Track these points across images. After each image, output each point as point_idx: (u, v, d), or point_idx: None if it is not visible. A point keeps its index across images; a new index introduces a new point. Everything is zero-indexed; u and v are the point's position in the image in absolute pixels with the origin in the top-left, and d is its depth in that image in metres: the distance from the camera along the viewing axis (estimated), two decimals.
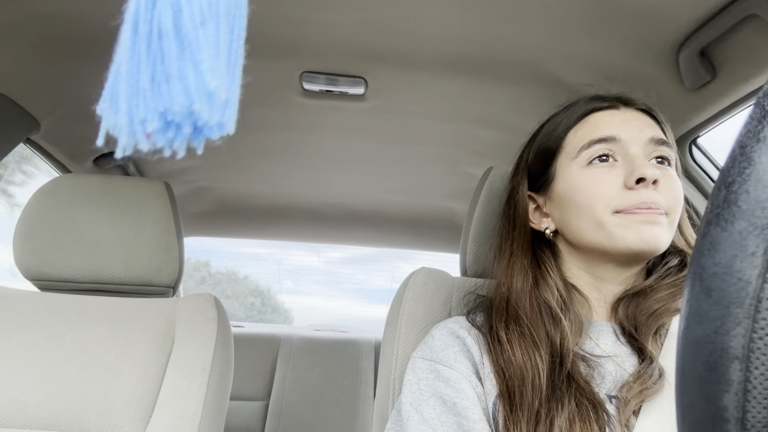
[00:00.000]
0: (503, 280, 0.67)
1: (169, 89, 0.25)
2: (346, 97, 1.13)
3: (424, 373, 0.62)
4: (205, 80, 0.25)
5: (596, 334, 0.62)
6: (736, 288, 0.20)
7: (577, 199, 0.62)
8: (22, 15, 0.86)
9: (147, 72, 0.25)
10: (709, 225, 0.22)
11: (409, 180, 1.58)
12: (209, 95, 0.25)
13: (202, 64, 0.25)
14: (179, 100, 0.25)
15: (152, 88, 0.25)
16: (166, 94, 0.25)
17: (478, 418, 0.56)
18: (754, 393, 0.20)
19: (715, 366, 0.21)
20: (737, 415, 0.20)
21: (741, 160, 0.21)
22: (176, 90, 0.25)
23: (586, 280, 0.66)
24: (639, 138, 0.62)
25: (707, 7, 0.76)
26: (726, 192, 0.21)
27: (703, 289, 0.21)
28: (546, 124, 0.72)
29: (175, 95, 0.25)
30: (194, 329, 0.92)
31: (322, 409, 1.86)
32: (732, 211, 0.21)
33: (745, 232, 0.20)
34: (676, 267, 0.64)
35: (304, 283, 3.74)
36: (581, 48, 0.92)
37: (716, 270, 0.21)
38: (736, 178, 0.21)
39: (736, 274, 0.20)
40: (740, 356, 0.20)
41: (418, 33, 0.92)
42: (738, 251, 0.20)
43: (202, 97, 0.25)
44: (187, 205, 1.75)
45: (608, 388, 0.57)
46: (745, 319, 0.20)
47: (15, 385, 0.85)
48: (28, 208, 0.98)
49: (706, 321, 0.21)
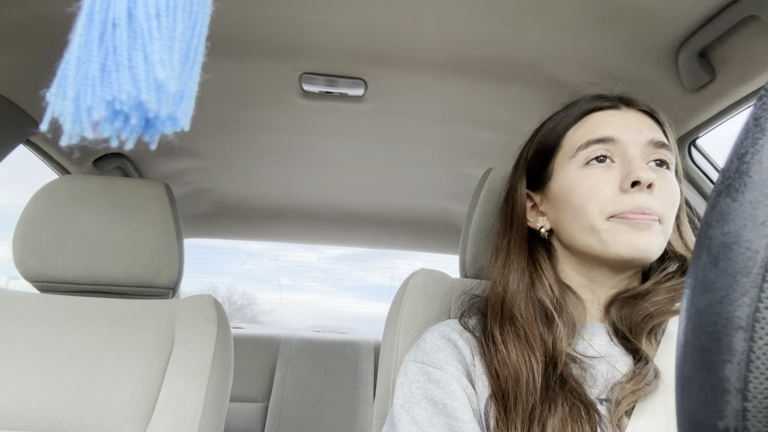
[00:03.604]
0: (499, 279, 0.66)
1: (118, 78, 0.24)
2: (346, 99, 1.14)
3: (415, 376, 0.61)
4: (154, 70, 0.24)
5: (589, 334, 0.62)
6: (744, 257, 0.20)
7: (572, 200, 0.62)
8: (22, 16, 0.86)
9: (98, 60, 0.25)
10: (719, 196, 0.22)
11: (408, 181, 1.58)
12: (158, 86, 0.24)
13: (153, 54, 0.24)
14: (127, 89, 0.24)
15: (102, 76, 0.25)
16: (115, 83, 0.24)
17: (469, 420, 0.56)
18: (757, 363, 0.20)
19: (718, 336, 0.21)
20: (738, 385, 0.20)
21: (754, 131, 0.21)
22: (125, 79, 0.24)
23: (580, 281, 0.65)
24: (638, 140, 0.61)
25: (706, 8, 0.76)
26: (738, 163, 0.21)
27: (710, 259, 0.21)
28: (547, 121, 0.71)
29: (123, 84, 0.24)
30: (194, 331, 0.92)
31: (321, 410, 1.86)
32: (743, 181, 0.21)
33: (756, 202, 0.20)
34: (675, 272, 0.64)
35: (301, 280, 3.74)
36: (580, 49, 0.92)
37: (725, 240, 0.21)
38: (749, 149, 0.21)
39: (745, 244, 0.20)
40: (745, 326, 0.20)
41: (418, 34, 0.92)
42: (748, 221, 0.20)
43: (150, 87, 0.24)
44: (186, 206, 1.75)
45: (600, 388, 0.57)
46: (752, 288, 0.20)
47: (15, 386, 0.85)
48: (28, 209, 0.98)
49: (711, 290, 0.21)
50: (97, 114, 0.25)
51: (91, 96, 0.25)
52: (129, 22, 0.25)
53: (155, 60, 0.24)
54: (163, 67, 0.24)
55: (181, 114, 0.26)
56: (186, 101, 0.26)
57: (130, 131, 0.25)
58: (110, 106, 0.25)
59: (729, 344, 0.20)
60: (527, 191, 0.70)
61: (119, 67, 0.24)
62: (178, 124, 0.26)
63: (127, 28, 0.25)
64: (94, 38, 0.25)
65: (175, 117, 0.25)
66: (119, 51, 0.25)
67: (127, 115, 0.25)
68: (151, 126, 0.26)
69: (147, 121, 0.25)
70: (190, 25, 0.26)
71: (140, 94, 0.24)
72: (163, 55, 0.25)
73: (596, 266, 0.63)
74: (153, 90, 0.24)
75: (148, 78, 0.24)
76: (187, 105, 0.26)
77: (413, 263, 3.12)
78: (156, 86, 0.24)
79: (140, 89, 0.24)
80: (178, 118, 0.26)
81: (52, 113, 0.25)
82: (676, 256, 0.65)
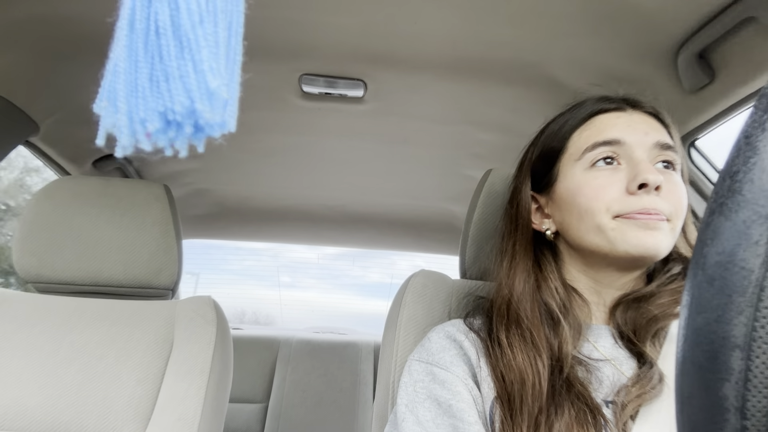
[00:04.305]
0: (504, 281, 0.66)
1: (169, 88, 0.24)
2: (346, 100, 1.14)
3: (419, 376, 0.61)
4: (206, 79, 0.24)
5: (594, 337, 0.62)
6: (738, 277, 0.20)
7: (578, 202, 0.62)
8: (22, 16, 0.86)
9: (145, 71, 0.25)
10: (713, 214, 0.22)
11: (408, 182, 1.58)
12: (211, 94, 0.24)
13: (202, 63, 0.24)
14: (180, 100, 0.24)
15: (151, 87, 0.25)
16: (166, 93, 0.24)
17: (474, 421, 0.56)
18: (755, 382, 0.20)
19: (715, 355, 0.20)
20: (737, 404, 0.20)
21: (746, 149, 0.21)
22: (177, 89, 0.24)
23: (586, 283, 0.65)
24: (644, 142, 0.61)
25: (706, 9, 0.76)
26: (730, 181, 0.21)
27: (705, 278, 0.21)
28: (551, 123, 0.71)
29: (176, 95, 0.24)
30: (193, 331, 0.91)
31: (321, 411, 1.86)
32: (736, 200, 0.21)
33: (749, 221, 0.20)
34: (679, 274, 0.63)
35: (300, 278, 3.74)
36: (580, 50, 0.92)
37: (719, 259, 0.21)
38: (741, 168, 0.21)
39: (739, 263, 0.20)
40: (741, 345, 0.20)
41: (418, 35, 0.92)
42: (741, 240, 0.20)
43: (203, 96, 0.24)
44: (186, 207, 1.75)
45: (606, 392, 0.57)
46: (748, 307, 0.20)
47: (14, 387, 0.85)
48: (28, 210, 0.98)
49: (707, 310, 0.21)
50: (151, 126, 0.25)
51: (143, 108, 0.25)
52: (173, 30, 0.24)
53: (206, 69, 0.24)
54: (214, 75, 0.24)
55: (228, 118, 0.26)
56: (232, 103, 0.26)
57: (184, 139, 0.26)
58: (163, 117, 0.25)
59: (726, 363, 0.20)
60: (532, 193, 0.70)
61: (168, 77, 0.24)
62: (227, 128, 0.26)
63: (172, 37, 0.24)
64: (138, 48, 0.25)
65: (224, 121, 0.25)
66: (166, 60, 0.24)
67: (180, 124, 0.25)
68: (200, 131, 0.26)
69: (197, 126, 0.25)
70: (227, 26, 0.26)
71: (194, 104, 0.24)
72: (212, 63, 0.25)
73: (603, 267, 0.63)
74: (206, 99, 0.24)
75: (200, 87, 0.24)
76: (233, 107, 0.26)
77: (413, 261, 3.12)
78: (209, 95, 0.24)
79: (194, 99, 0.24)
80: (227, 122, 0.26)
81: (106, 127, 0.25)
82: (680, 258, 0.65)
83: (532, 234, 0.68)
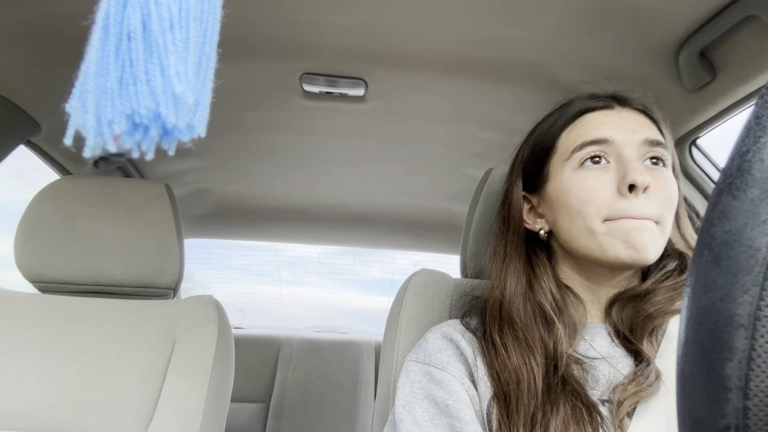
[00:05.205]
0: (497, 282, 0.66)
1: (137, 91, 0.25)
2: (346, 99, 1.14)
3: (417, 376, 0.61)
4: (171, 84, 0.25)
5: (590, 335, 0.62)
6: (745, 255, 0.20)
7: (568, 203, 0.61)
8: (22, 17, 0.86)
9: (115, 73, 0.25)
10: (721, 194, 0.22)
11: (408, 181, 1.58)
12: (176, 99, 0.25)
13: (169, 68, 0.25)
14: (146, 103, 0.25)
15: (120, 89, 0.25)
16: (134, 96, 0.25)
17: (471, 420, 0.56)
18: (758, 361, 0.20)
19: (719, 334, 0.20)
20: (739, 384, 0.20)
21: (756, 129, 0.21)
22: (143, 93, 0.25)
23: (580, 282, 0.65)
24: (632, 139, 0.61)
25: (707, 8, 0.76)
26: (740, 160, 0.21)
27: (711, 257, 0.21)
28: (542, 122, 0.71)
29: (142, 98, 0.25)
30: (195, 331, 0.92)
31: (322, 410, 1.86)
32: (745, 179, 0.21)
33: (758, 200, 0.20)
34: (675, 270, 0.63)
35: (301, 274, 3.74)
36: (581, 49, 0.92)
37: (726, 238, 0.21)
38: (751, 147, 0.21)
39: (747, 242, 0.20)
40: (746, 324, 0.20)
41: (418, 34, 0.92)
42: (749, 219, 0.20)
43: (168, 100, 0.25)
44: (187, 206, 1.75)
45: (602, 390, 0.57)
46: (753, 286, 0.20)
47: (16, 387, 0.85)
48: (29, 210, 0.98)
49: (712, 289, 0.21)
50: (118, 128, 0.25)
51: (111, 110, 0.25)
52: (144, 35, 0.25)
53: (172, 74, 0.25)
54: (180, 80, 0.25)
55: (198, 122, 0.26)
56: (201, 109, 0.26)
57: (150, 142, 0.26)
58: (130, 120, 0.25)
59: (730, 342, 0.20)
60: (524, 193, 0.70)
61: (137, 81, 0.25)
62: (195, 132, 0.26)
63: (142, 42, 0.25)
64: (110, 51, 0.25)
65: (192, 125, 0.26)
66: (135, 64, 0.25)
67: (147, 127, 0.26)
68: (169, 134, 0.26)
69: (165, 130, 0.26)
70: (201, 32, 0.27)
71: (159, 108, 0.25)
72: (179, 68, 0.25)
73: (595, 268, 0.63)
74: (171, 103, 0.25)
75: (166, 92, 0.25)
76: (202, 112, 0.26)
77: (413, 258, 3.12)
78: (174, 99, 0.25)
79: (159, 103, 0.25)
80: (195, 126, 0.26)
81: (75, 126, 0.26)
82: (676, 254, 0.65)
83: (524, 234, 0.68)
